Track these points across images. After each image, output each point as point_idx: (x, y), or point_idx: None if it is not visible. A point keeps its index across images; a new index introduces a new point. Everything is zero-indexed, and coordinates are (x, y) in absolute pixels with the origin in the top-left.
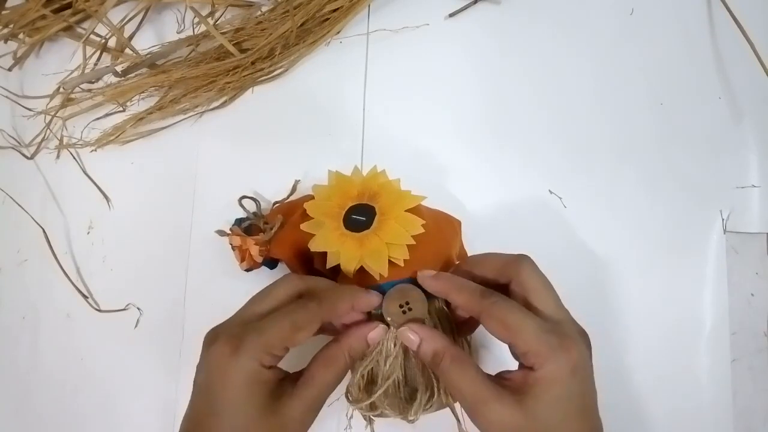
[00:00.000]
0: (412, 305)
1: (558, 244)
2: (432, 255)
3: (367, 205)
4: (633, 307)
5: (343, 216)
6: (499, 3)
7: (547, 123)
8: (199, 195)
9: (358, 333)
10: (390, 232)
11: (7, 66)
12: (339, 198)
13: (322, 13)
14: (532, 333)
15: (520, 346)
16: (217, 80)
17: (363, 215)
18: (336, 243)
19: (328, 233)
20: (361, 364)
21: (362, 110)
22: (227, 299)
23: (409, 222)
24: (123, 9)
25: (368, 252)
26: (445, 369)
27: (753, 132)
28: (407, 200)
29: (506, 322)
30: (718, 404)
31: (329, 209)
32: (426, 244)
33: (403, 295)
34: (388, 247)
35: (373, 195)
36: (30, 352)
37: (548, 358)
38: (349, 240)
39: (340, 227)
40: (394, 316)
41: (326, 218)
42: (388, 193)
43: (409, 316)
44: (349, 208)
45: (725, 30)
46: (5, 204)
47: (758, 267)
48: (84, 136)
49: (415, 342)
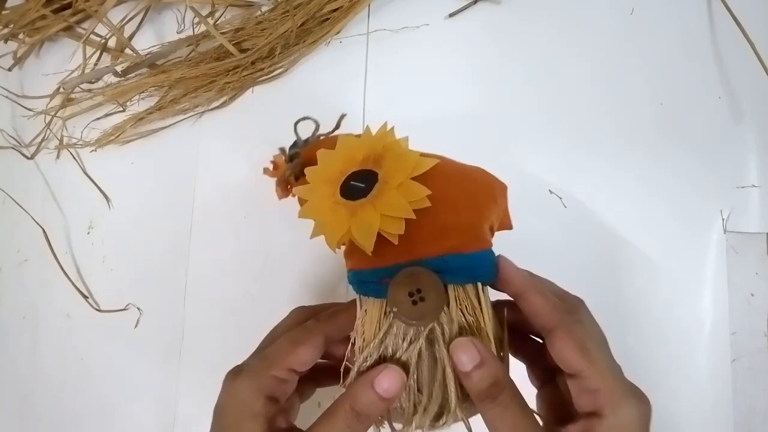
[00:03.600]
0: (425, 294)
1: (558, 244)
2: (456, 225)
3: (370, 170)
4: (633, 307)
5: (341, 181)
6: (499, 3)
7: (547, 123)
8: (199, 195)
9: (363, 379)
10: (386, 203)
11: (7, 66)
12: (343, 163)
13: (322, 13)
14: (608, 368)
15: (593, 380)
16: (217, 80)
17: (363, 182)
18: (326, 211)
19: (320, 200)
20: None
21: (362, 110)
22: (227, 299)
23: (413, 192)
24: (123, 9)
25: (357, 223)
26: (499, 407)
27: (753, 132)
28: (414, 165)
29: (586, 346)
30: (718, 404)
31: (329, 174)
32: (449, 212)
33: (413, 281)
34: (381, 219)
35: (378, 158)
36: (30, 352)
37: (623, 403)
38: (341, 209)
39: (335, 194)
40: (401, 307)
41: (323, 184)
42: (393, 156)
43: (420, 309)
44: (350, 174)
45: (725, 30)
46: (5, 204)
47: (758, 267)
48: (84, 136)
49: (473, 362)
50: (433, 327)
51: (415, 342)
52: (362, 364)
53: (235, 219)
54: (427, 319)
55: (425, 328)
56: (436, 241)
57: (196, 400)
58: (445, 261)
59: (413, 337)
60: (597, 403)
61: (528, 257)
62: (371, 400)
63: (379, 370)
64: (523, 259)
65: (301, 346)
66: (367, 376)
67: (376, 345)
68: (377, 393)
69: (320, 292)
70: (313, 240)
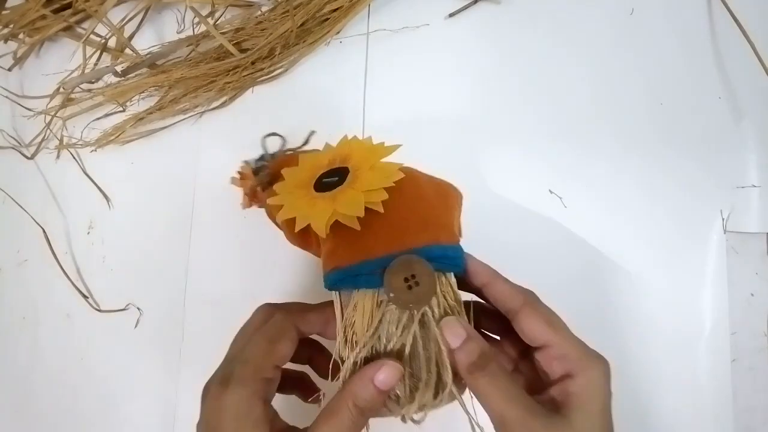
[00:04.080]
0: (419, 279)
1: (558, 244)
2: (435, 220)
3: (339, 167)
4: (633, 307)
5: (313, 184)
6: (498, 3)
7: (547, 123)
8: (199, 195)
9: (362, 376)
10: (365, 181)
11: (7, 66)
12: (310, 170)
13: (322, 13)
14: (572, 336)
15: (561, 347)
16: (217, 80)
17: (335, 176)
18: (305, 207)
19: (296, 200)
20: (355, 350)
21: (362, 110)
22: (227, 299)
23: (385, 169)
24: (123, 9)
25: (341, 203)
26: (489, 376)
27: (753, 132)
28: (380, 151)
29: (551, 319)
30: (718, 404)
31: (298, 181)
32: (428, 208)
33: (408, 268)
34: (365, 194)
35: (344, 158)
36: (30, 352)
37: (589, 363)
38: (320, 201)
39: (310, 192)
40: (398, 292)
41: (294, 189)
42: (360, 150)
43: (415, 293)
44: (321, 175)
45: (725, 30)
46: (5, 204)
47: (758, 267)
48: (84, 136)
49: (460, 338)
50: (425, 310)
51: (409, 326)
52: (357, 355)
53: (235, 219)
54: (422, 302)
55: (419, 312)
56: (421, 232)
57: (196, 400)
58: (430, 250)
59: (407, 322)
60: (567, 367)
61: (528, 257)
62: (372, 395)
63: (377, 366)
64: (524, 258)
65: (280, 342)
66: (365, 373)
67: (371, 334)
68: (377, 388)
69: (320, 292)
70: None
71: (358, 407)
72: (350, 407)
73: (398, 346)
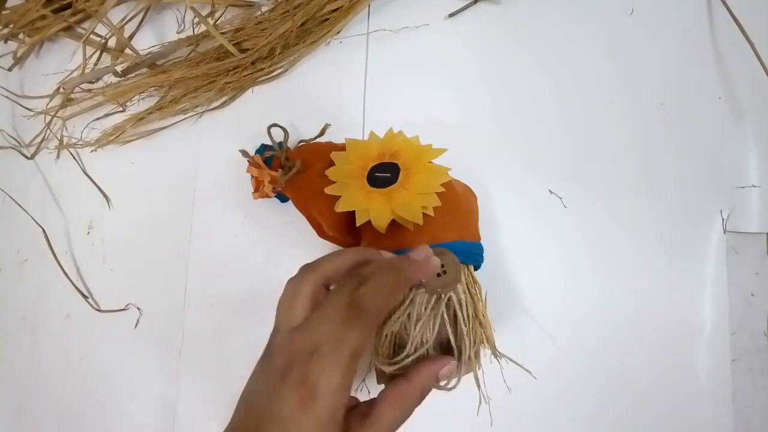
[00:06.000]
0: (447, 269)
1: (558, 244)
2: (463, 220)
3: (390, 162)
4: (633, 307)
5: (366, 175)
6: (498, 3)
7: (547, 123)
8: (199, 195)
9: (430, 370)
10: (418, 183)
11: (7, 66)
12: (359, 160)
13: (322, 13)
14: None
15: None
16: (217, 80)
17: (387, 172)
18: (363, 201)
19: (354, 192)
20: (387, 324)
21: (362, 110)
22: (227, 299)
23: (436, 172)
24: (123, 9)
25: (398, 204)
26: None
27: (753, 132)
28: (429, 153)
29: None
30: (718, 404)
31: (351, 171)
32: (459, 209)
33: (438, 258)
34: (419, 198)
35: (394, 153)
36: (30, 352)
37: None
38: (377, 196)
39: (365, 186)
40: (428, 279)
41: (349, 179)
42: (409, 149)
43: (443, 280)
44: (372, 168)
45: (725, 30)
46: (5, 204)
47: (758, 267)
48: (84, 136)
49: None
50: (450, 295)
51: (437, 307)
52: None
53: (235, 219)
54: (449, 288)
55: (445, 296)
56: (451, 230)
57: (196, 400)
58: (457, 245)
59: (434, 304)
60: None
61: (528, 257)
62: (434, 385)
63: (442, 363)
64: (524, 258)
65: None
66: (432, 368)
67: (403, 311)
68: (437, 379)
69: None
70: (313, 239)
71: (423, 396)
72: (418, 396)
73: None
